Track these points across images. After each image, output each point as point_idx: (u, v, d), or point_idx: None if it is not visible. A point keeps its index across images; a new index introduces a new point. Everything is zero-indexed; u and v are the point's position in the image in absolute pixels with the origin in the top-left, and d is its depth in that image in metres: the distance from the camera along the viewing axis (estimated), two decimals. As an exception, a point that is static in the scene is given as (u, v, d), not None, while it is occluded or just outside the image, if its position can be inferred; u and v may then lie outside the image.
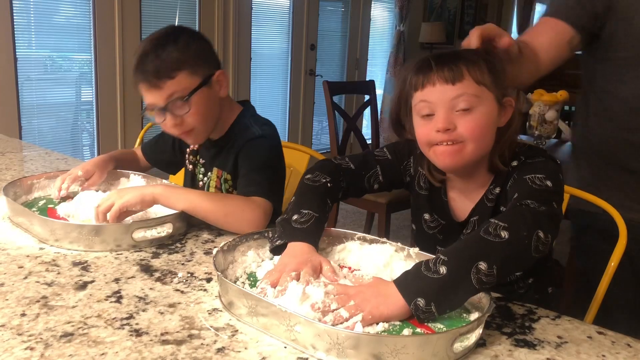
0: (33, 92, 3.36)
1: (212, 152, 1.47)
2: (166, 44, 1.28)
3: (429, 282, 0.84)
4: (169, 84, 1.26)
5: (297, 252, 0.99)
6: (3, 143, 2.04)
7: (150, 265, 1.07)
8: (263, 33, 4.66)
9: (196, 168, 1.53)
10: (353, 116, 3.43)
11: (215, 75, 1.34)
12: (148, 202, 1.21)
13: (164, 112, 1.28)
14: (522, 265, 0.93)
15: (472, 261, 0.85)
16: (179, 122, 1.30)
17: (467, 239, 0.91)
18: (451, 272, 0.84)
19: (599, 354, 0.83)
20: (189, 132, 1.34)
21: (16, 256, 1.08)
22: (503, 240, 0.86)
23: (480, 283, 0.84)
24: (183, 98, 1.27)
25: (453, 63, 1.02)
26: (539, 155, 1.07)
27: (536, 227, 0.89)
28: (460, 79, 1.01)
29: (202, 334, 0.83)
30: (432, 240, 1.20)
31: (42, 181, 1.42)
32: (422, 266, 0.86)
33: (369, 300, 0.85)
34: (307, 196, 1.09)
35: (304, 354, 0.79)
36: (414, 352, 0.75)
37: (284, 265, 0.96)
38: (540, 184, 0.99)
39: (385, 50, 5.98)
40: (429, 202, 1.19)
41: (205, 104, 1.32)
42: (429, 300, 0.83)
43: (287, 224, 1.03)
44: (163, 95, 1.27)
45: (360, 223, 3.68)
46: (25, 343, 0.78)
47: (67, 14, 3.45)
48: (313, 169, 1.16)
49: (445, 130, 1.01)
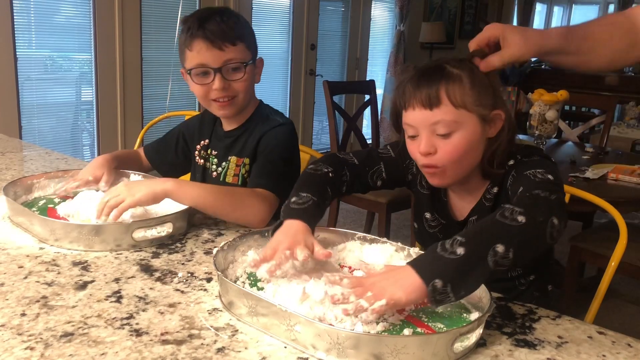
0: (33, 91, 3.36)
1: (226, 142, 1.51)
2: (231, 15, 1.38)
3: (445, 262, 0.82)
4: (231, 48, 1.34)
5: (292, 230, 0.98)
6: (3, 143, 2.04)
7: (150, 265, 1.07)
8: (263, 33, 4.66)
9: (208, 162, 1.55)
10: (353, 116, 3.43)
11: (258, 60, 1.44)
12: (159, 199, 1.22)
13: (217, 72, 1.35)
14: (536, 250, 0.91)
15: (489, 243, 0.83)
16: (227, 85, 1.37)
17: (482, 223, 0.90)
18: (469, 253, 0.82)
19: (600, 354, 0.83)
20: (231, 98, 1.40)
21: (16, 256, 1.08)
22: (520, 224, 0.85)
23: (496, 265, 0.83)
24: (241, 64, 1.36)
25: (431, 85, 1.01)
26: (534, 154, 1.08)
27: (551, 214, 0.88)
28: (437, 104, 1.01)
29: (202, 333, 0.83)
30: (433, 240, 1.20)
31: (42, 181, 1.42)
32: (438, 247, 0.84)
33: (386, 288, 0.83)
34: (308, 182, 1.10)
35: (304, 354, 0.79)
36: (415, 352, 0.75)
37: (277, 243, 0.96)
38: (542, 177, 0.99)
39: (385, 50, 5.97)
40: (430, 201, 1.19)
41: (252, 79, 1.42)
42: (446, 281, 0.81)
43: (286, 207, 1.04)
44: (222, 57, 1.34)
45: (361, 223, 3.68)
46: (25, 343, 0.78)
47: (68, 13, 3.45)
48: (317, 160, 1.17)
49: (426, 154, 1.03)
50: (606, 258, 1.33)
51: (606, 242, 2.22)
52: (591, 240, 2.41)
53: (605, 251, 2.19)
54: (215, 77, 1.35)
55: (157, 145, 1.65)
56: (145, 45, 3.73)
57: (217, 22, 1.33)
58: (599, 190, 2.19)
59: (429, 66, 1.05)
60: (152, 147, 1.66)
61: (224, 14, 1.37)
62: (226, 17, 1.35)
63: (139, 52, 3.71)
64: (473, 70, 1.02)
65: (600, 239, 2.36)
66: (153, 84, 3.88)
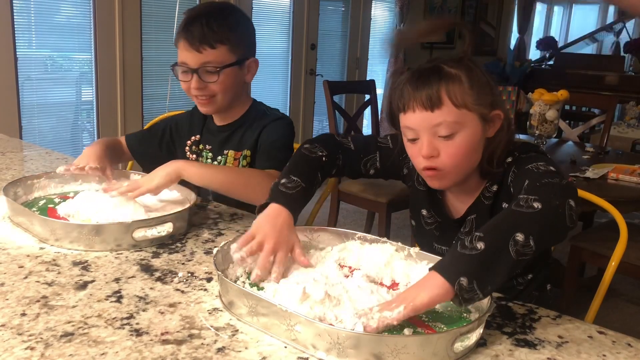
0: (33, 91, 3.36)
1: (220, 137, 1.54)
2: (218, 17, 1.40)
3: (467, 259, 0.81)
4: (208, 51, 1.38)
5: (278, 222, 0.99)
6: (3, 143, 2.04)
7: (150, 264, 1.07)
8: (263, 32, 4.66)
9: (201, 157, 1.57)
10: (353, 116, 3.43)
11: (249, 60, 1.47)
12: (175, 180, 1.27)
13: (194, 73, 1.39)
14: (558, 235, 0.90)
15: (509, 233, 0.83)
16: (203, 86, 1.41)
17: (499, 215, 0.89)
18: (489, 246, 0.82)
19: (600, 354, 0.83)
20: (209, 98, 1.44)
21: (16, 256, 1.08)
22: (537, 211, 0.85)
23: (518, 254, 0.82)
24: (216, 68, 1.39)
25: (431, 85, 1.00)
26: (531, 150, 1.08)
27: (567, 197, 0.88)
28: (439, 105, 0.99)
29: (203, 333, 0.83)
30: (430, 237, 1.21)
31: (42, 181, 1.41)
32: (458, 246, 0.83)
33: (409, 292, 0.82)
34: (300, 165, 1.11)
35: (304, 354, 0.79)
36: (415, 352, 0.75)
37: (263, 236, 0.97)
38: (545, 169, 0.99)
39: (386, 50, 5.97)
40: (426, 198, 1.19)
41: (232, 81, 1.44)
42: (471, 278, 0.80)
43: (275, 187, 1.05)
44: (199, 59, 1.38)
45: (361, 222, 3.67)
46: (26, 343, 0.78)
47: (68, 13, 3.45)
48: (314, 140, 1.17)
49: (429, 157, 1.02)
50: (606, 258, 1.33)
51: (606, 241, 2.22)
52: (591, 240, 2.41)
53: (605, 251, 2.19)
54: (192, 77, 1.40)
55: (141, 136, 1.65)
56: (145, 45, 3.73)
57: (200, 24, 1.37)
58: (599, 190, 2.19)
59: (426, 67, 1.03)
60: (135, 136, 1.65)
61: (210, 16, 1.39)
62: (212, 20, 1.38)
63: (139, 52, 3.70)
64: (471, 69, 1.02)
65: (601, 239, 2.36)
66: (153, 84, 3.87)
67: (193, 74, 1.39)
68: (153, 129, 1.65)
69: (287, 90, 4.99)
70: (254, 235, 0.98)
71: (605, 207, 1.34)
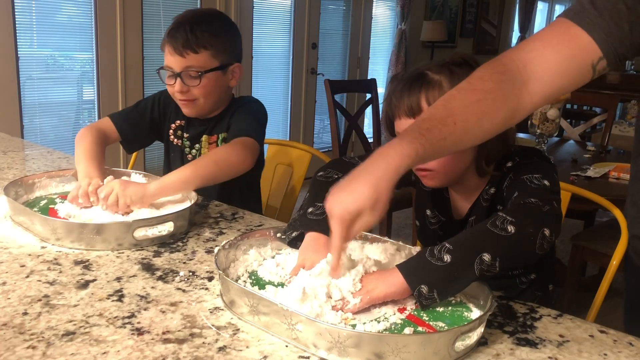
0: (35, 91, 3.36)
1: (199, 130, 1.59)
2: (202, 23, 1.44)
3: (432, 268, 0.85)
4: (191, 56, 1.43)
5: (318, 245, 1.00)
6: (5, 142, 2.04)
7: (151, 264, 1.07)
8: (264, 32, 4.65)
9: (182, 144, 1.62)
10: (355, 115, 3.43)
11: (232, 66, 1.51)
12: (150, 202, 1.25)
13: (177, 77, 1.45)
14: (524, 261, 0.94)
15: (476, 252, 0.85)
16: (186, 89, 1.46)
17: (473, 230, 0.93)
18: (455, 261, 0.85)
19: (601, 353, 0.83)
20: (191, 101, 1.49)
21: (18, 255, 1.08)
22: (509, 235, 0.87)
23: (481, 272, 0.86)
24: (198, 73, 1.44)
25: (412, 94, 1.05)
26: (533, 156, 1.08)
27: (542, 225, 0.89)
28: (419, 112, 1.03)
29: (204, 332, 0.83)
30: (434, 237, 1.22)
31: (43, 180, 1.42)
32: (427, 253, 0.87)
33: (370, 282, 0.88)
34: (321, 192, 1.10)
35: (305, 353, 0.79)
36: (416, 351, 0.75)
37: (307, 259, 0.97)
38: (539, 184, 0.99)
39: (386, 49, 5.96)
40: (431, 198, 1.21)
41: (214, 85, 1.48)
42: (432, 287, 0.84)
43: (303, 217, 1.06)
44: (182, 63, 1.43)
45: (362, 222, 3.67)
46: (27, 342, 0.78)
47: (69, 12, 3.45)
48: (325, 166, 1.20)
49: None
50: (608, 257, 1.33)
51: (608, 240, 2.22)
52: (593, 239, 2.41)
53: (606, 250, 2.19)
54: (176, 80, 1.45)
55: (129, 112, 1.63)
56: (146, 44, 3.73)
57: (184, 30, 1.42)
58: (601, 188, 2.19)
59: (412, 75, 1.08)
60: (120, 114, 1.62)
61: (194, 22, 1.43)
62: (196, 26, 1.42)
63: (140, 51, 3.71)
64: (453, 73, 1.04)
65: (602, 238, 2.36)
66: (154, 83, 3.87)
67: (177, 78, 1.44)
68: (140, 106, 1.64)
69: (288, 89, 4.98)
70: (303, 265, 0.98)
71: (607, 205, 1.34)
